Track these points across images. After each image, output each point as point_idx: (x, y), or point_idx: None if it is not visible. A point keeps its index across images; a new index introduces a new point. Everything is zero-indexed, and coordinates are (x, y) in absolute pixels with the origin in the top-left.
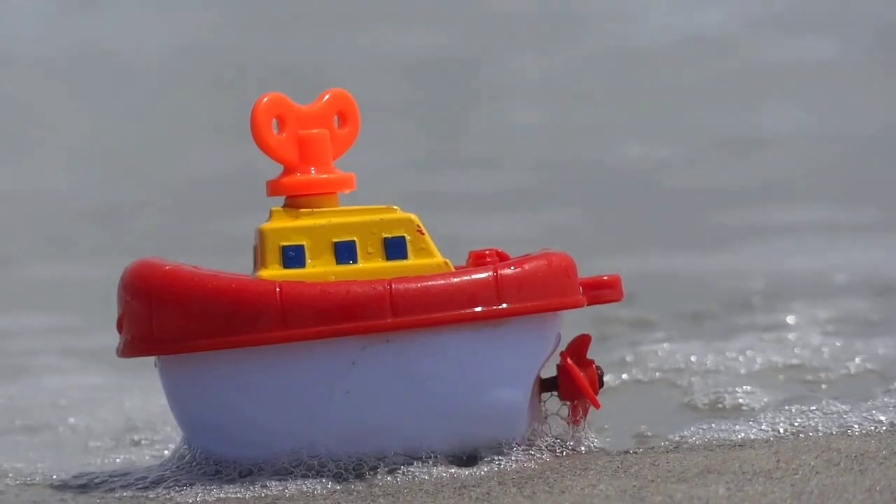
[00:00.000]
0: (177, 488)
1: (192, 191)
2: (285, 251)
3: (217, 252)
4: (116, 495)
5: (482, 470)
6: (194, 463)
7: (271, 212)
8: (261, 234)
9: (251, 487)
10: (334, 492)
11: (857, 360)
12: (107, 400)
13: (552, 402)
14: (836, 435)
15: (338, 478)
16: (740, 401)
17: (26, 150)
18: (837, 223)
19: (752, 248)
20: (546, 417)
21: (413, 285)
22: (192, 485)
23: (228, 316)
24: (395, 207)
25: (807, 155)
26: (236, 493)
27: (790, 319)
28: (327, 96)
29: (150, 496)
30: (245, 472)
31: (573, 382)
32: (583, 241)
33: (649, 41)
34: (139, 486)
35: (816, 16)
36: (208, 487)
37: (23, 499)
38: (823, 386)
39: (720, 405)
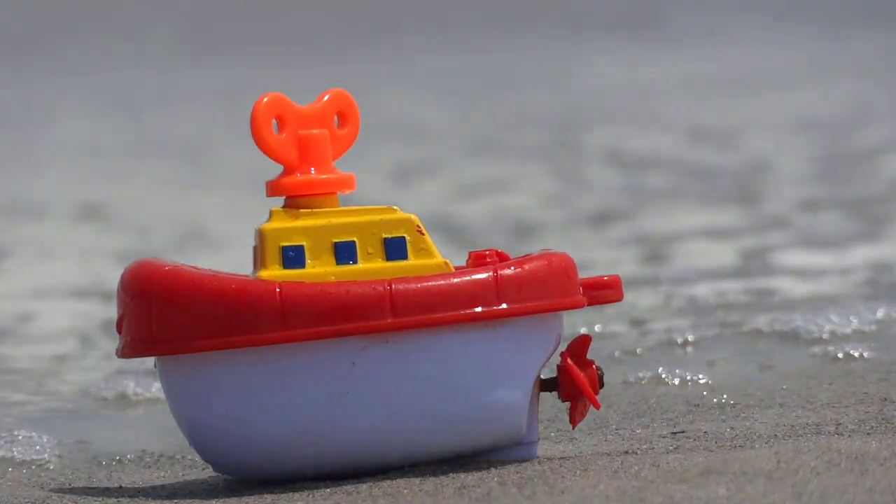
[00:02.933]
0: (176, 487)
1: None
2: (285, 251)
3: None
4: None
5: (482, 470)
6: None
7: (271, 212)
8: (260, 235)
9: (251, 487)
10: (334, 492)
11: (857, 360)
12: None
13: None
14: (837, 435)
15: (338, 478)
16: (740, 401)
17: None
18: None
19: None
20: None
21: (413, 286)
22: (191, 484)
23: (228, 316)
24: (395, 207)
25: None
26: (236, 492)
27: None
28: (327, 96)
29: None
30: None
31: (573, 383)
32: None
33: None
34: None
35: None
36: (208, 487)
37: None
38: (824, 386)
39: (720, 405)
